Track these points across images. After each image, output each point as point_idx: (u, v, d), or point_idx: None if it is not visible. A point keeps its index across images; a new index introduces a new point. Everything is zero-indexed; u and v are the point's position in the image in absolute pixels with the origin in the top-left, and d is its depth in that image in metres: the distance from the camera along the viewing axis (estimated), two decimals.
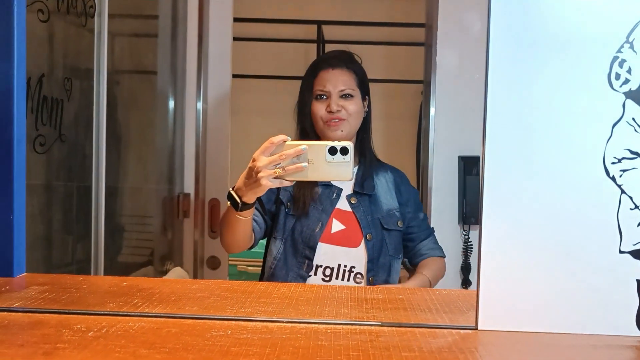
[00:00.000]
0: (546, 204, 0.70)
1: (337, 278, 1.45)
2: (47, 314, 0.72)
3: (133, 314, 0.73)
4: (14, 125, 0.87)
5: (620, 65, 0.70)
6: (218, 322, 0.71)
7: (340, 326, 0.71)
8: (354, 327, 0.71)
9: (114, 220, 1.73)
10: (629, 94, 0.71)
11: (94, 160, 1.57)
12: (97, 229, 1.60)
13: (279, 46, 3.62)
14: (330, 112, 1.46)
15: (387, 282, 1.50)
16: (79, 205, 1.53)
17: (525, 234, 0.70)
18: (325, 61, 1.54)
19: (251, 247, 1.46)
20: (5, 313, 0.72)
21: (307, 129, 1.51)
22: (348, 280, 1.46)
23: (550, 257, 0.70)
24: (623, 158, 0.70)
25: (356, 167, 1.54)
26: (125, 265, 1.88)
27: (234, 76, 2.34)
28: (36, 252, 1.32)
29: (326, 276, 1.45)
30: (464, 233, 2.22)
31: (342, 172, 1.04)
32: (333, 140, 1.14)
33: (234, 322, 0.71)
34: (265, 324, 0.71)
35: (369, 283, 1.46)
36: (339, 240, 1.47)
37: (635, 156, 0.70)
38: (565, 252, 0.70)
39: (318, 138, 1.51)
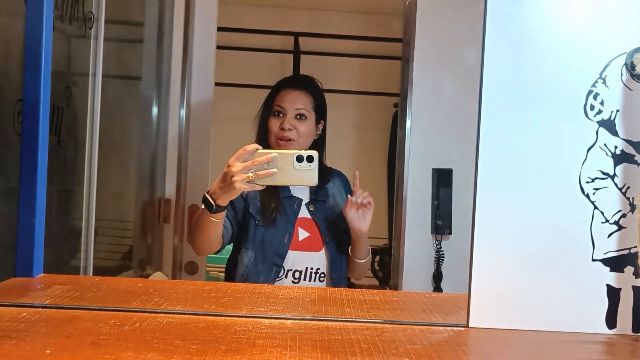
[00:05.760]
0: (530, 217, 0.80)
1: (304, 279, 1.59)
2: (80, 310, 0.78)
3: (159, 310, 0.79)
4: (39, 135, 0.92)
5: (595, 97, 0.81)
6: (237, 319, 0.78)
7: (348, 323, 0.79)
8: (359, 324, 0.79)
9: (96, 224, 1.76)
10: (601, 123, 0.81)
11: (86, 165, 1.62)
12: (88, 233, 1.64)
13: (256, 56, 3.68)
14: (282, 129, 1.57)
15: (344, 275, 1.64)
16: (69, 210, 1.56)
17: (511, 243, 0.80)
18: (287, 81, 1.68)
19: (218, 251, 1.55)
20: (40, 309, 0.77)
21: (263, 141, 1.62)
22: (314, 280, 1.59)
23: (533, 264, 0.80)
24: (596, 178, 0.81)
25: None
26: (105, 268, 1.91)
27: (216, 84, 2.40)
28: None
29: (295, 278, 1.58)
30: (437, 243, 2.32)
31: (308, 177, 1.15)
32: None
33: (252, 319, 0.79)
34: (280, 320, 0.78)
35: (331, 279, 1.59)
36: (305, 246, 1.59)
37: (606, 176, 0.81)
38: (546, 259, 0.80)
39: None
